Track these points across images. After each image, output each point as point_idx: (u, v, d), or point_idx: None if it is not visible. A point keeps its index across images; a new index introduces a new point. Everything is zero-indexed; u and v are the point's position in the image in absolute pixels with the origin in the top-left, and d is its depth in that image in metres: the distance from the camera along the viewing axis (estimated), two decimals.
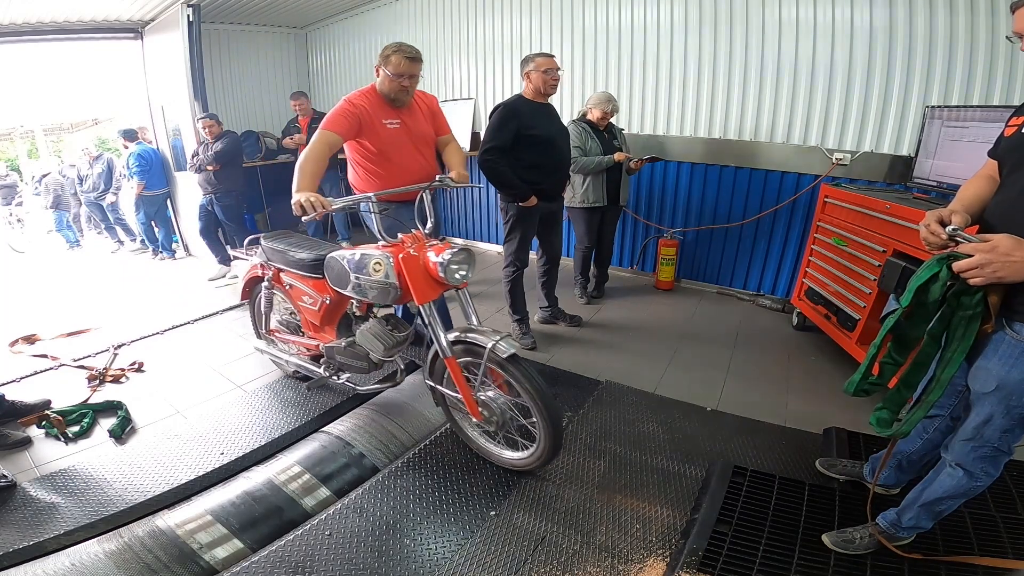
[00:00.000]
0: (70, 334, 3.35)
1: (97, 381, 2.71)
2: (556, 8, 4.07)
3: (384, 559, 1.58)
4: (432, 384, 1.98)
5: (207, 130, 4.21)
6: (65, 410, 2.40)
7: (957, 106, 2.61)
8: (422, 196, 1.95)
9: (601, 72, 4.00)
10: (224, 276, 4.51)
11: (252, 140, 5.56)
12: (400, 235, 1.87)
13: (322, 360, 2.28)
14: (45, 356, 3.00)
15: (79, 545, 1.66)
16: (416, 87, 2.27)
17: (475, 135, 4.77)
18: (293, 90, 5.14)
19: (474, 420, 1.89)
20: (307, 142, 4.51)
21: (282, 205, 5.87)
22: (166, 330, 3.39)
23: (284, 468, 1.96)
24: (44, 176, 6.85)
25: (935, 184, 2.63)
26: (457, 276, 1.80)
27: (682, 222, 3.93)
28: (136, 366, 2.89)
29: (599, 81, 4.00)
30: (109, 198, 5.86)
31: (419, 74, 2.22)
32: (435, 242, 1.86)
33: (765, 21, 3.27)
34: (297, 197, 1.77)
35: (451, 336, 1.81)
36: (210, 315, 3.65)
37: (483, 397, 1.84)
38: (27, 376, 2.81)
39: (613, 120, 3.36)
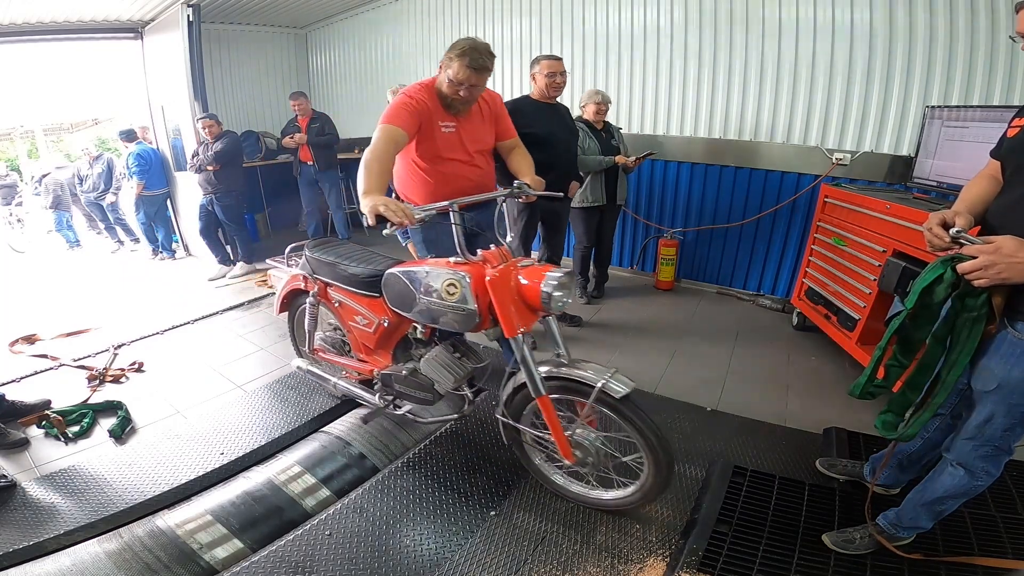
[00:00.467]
0: (70, 334, 3.34)
1: (97, 381, 2.71)
2: (556, 8, 4.06)
3: (384, 559, 1.57)
4: (508, 421, 1.73)
5: (207, 130, 4.21)
6: (65, 410, 2.40)
7: (957, 106, 2.61)
8: (502, 207, 1.71)
9: (601, 72, 4.00)
10: (224, 276, 4.51)
11: (252, 140, 5.56)
12: (479, 251, 1.60)
13: (375, 387, 2.02)
14: (45, 356, 3.00)
15: (79, 545, 1.66)
16: (478, 96, 1.97)
17: None
18: (293, 90, 5.14)
19: (566, 462, 1.66)
20: (307, 142, 4.64)
21: (282, 205, 5.88)
22: (166, 330, 3.39)
23: (284, 468, 1.96)
24: (44, 176, 6.84)
25: (935, 184, 2.62)
26: (560, 304, 1.54)
27: (682, 222, 3.93)
28: (136, 366, 2.89)
29: (599, 81, 4.00)
30: (109, 198, 5.86)
31: (484, 84, 1.91)
32: (527, 261, 1.61)
33: (765, 21, 3.27)
34: (372, 202, 1.49)
35: (544, 370, 1.57)
36: (210, 315, 3.65)
37: (576, 437, 1.62)
38: (27, 376, 2.81)
39: (612, 121, 3.36)
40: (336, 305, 2.08)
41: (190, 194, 4.71)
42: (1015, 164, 1.18)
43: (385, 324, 1.90)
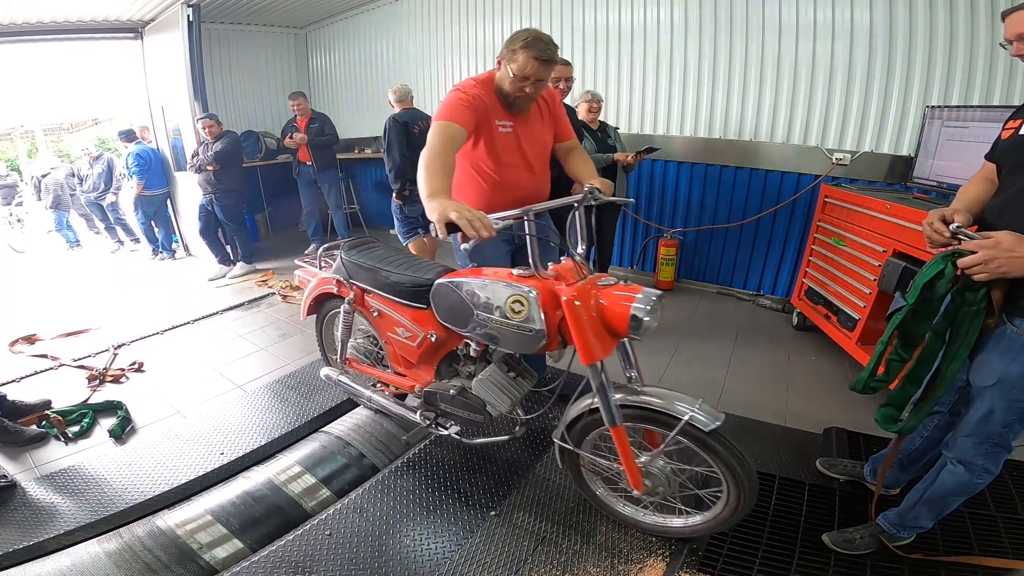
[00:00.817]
0: (70, 334, 3.35)
1: (97, 381, 2.71)
2: (556, 8, 4.07)
3: (384, 559, 1.58)
4: (568, 447, 1.59)
5: (207, 130, 4.21)
6: (65, 410, 2.41)
7: (957, 106, 2.61)
8: (574, 214, 1.53)
9: (601, 72, 4.00)
10: (224, 276, 4.51)
11: (252, 140, 5.57)
12: (551, 264, 1.45)
13: (415, 399, 1.87)
14: (45, 356, 3.00)
15: (79, 545, 1.66)
16: (541, 92, 1.78)
17: None
18: (293, 90, 5.15)
19: (635, 492, 1.55)
20: (307, 142, 4.64)
21: (282, 205, 5.88)
22: (166, 330, 3.39)
23: (284, 468, 1.96)
24: (44, 176, 6.85)
25: (935, 184, 2.63)
26: (650, 329, 1.37)
27: (682, 222, 3.93)
28: (136, 366, 2.89)
29: (599, 81, 4.00)
30: (109, 198, 5.86)
31: (548, 78, 1.72)
32: (606, 279, 1.42)
33: (765, 21, 3.27)
34: (440, 208, 1.27)
35: (618, 397, 1.45)
36: (210, 315, 3.65)
37: (649, 467, 1.51)
38: (27, 376, 2.81)
39: (612, 120, 3.36)
40: (374, 314, 1.88)
41: (190, 194, 4.71)
42: (1010, 165, 1.21)
43: (432, 339, 1.71)
